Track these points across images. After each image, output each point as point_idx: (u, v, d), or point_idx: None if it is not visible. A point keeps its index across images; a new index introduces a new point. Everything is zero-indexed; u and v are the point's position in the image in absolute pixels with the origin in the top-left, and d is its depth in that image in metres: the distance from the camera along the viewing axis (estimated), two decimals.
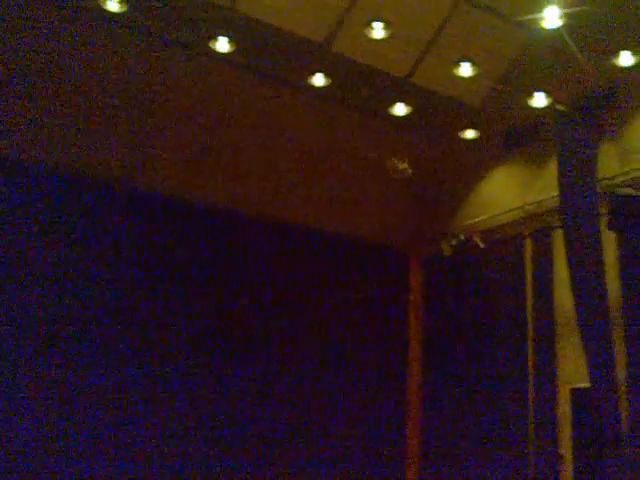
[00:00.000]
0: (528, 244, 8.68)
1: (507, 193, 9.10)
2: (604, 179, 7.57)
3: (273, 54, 7.87)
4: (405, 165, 8.47)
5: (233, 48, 7.55)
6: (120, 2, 7.09)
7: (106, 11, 7.08)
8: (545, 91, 7.87)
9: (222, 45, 7.54)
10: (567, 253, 7.39)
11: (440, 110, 8.69)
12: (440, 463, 9.10)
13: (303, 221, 8.98)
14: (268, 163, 8.68)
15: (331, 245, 9.35)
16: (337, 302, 9.24)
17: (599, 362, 6.95)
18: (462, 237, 9.13)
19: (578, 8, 6.70)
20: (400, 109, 8.55)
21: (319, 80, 8.05)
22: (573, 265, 7.32)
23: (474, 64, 7.59)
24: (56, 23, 7.20)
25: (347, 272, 9.39)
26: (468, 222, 9.40)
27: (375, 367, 9.33)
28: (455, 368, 9.11)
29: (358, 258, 9.60)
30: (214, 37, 7.47)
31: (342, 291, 9.27)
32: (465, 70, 7.68)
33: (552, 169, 7.87)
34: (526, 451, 7.96)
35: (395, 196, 9.73)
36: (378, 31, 7.31)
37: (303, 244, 9.12)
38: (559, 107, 7.70)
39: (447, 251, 9.24)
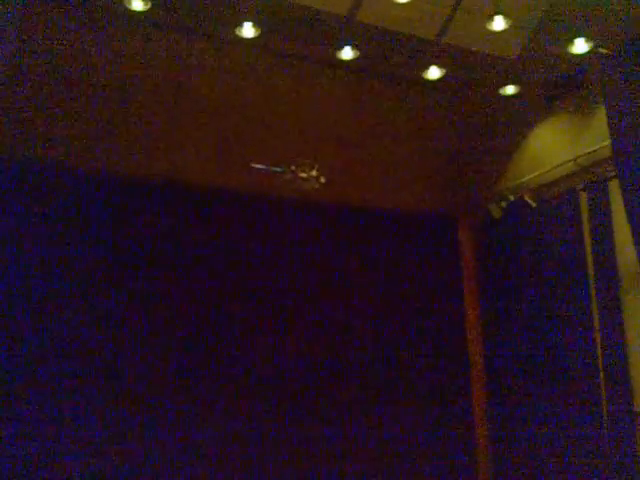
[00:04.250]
0: (583, 198, 8.30)
1: (556, 147, 8.72)
2: None
3: (298, 33, 7.71)
4: (313, 172, 7.45)
5: (258, 32, 7.43)
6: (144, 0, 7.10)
7: (129, 10, 7.10)
8: (585, 36, 7.44)
9: (247, 31, 7.40)
10: (625, 202, 7.07)
11: (476, 68, 8.36)
12: (507, 419, 8.88)
13: (345, 197, 8.79)
14: (302, 144, 8.53)
15: (374, 219, 9.12)
16: (386, 278, 9.08)
17: None
18: (512, 198, 8.80)
19: None
20: (434, 72, 8.27)
21: (347, 53, 7.86)
22: (632, 214, 7.00)
23: (507, 16, 7.22)
24: (78, 24, 7.17)
25: (393, 246, 9.17)
26: (517, 182, 9.08)
27: (431, 340, 9.15)
28: (516, 332, 8.86)
29: (403, 230, 9.34)
30: (239, 24, 7.34)
31: (390, 267, 9.11)
32: (498, 24, 7.28)
33: (602, 117, 7.47)
34: (599, 410, 7.71)
35: (437, 163, 9.48)
36: None
37: (347, 221, 8.93)
38: (602, 51, 7.28)
39: (497, 213, 8.92)
